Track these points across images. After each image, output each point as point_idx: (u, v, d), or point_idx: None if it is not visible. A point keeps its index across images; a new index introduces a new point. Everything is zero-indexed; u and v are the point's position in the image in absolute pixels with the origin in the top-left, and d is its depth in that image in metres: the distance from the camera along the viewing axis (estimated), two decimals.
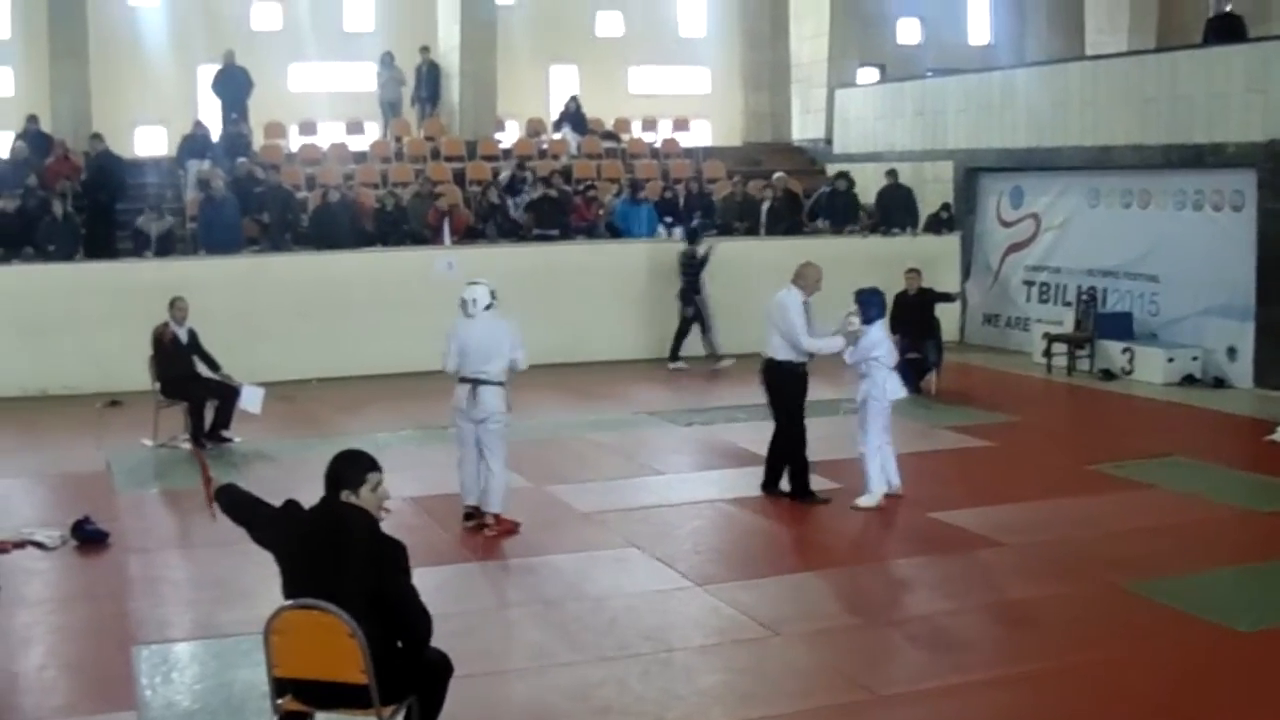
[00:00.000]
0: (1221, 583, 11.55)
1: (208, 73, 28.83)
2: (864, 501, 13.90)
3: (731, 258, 23.40)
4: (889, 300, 15.58)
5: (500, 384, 12.86)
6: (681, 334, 23.23)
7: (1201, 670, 9.48)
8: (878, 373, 13.87)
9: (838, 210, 26.65)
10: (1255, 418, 18.68)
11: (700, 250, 23.22)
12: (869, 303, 14.03)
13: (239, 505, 7.65)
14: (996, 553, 12.35)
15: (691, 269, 23.15)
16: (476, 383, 12.79)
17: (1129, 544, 12.52)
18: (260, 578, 8.46)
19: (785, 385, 14.13)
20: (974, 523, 13.27)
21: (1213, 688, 9.19)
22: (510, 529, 12.94)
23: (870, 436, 13.93)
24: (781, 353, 13.98)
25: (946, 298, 21.31)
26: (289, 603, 6.90)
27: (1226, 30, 23.10)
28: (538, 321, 17.25)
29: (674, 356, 23.19)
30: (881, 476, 13.98)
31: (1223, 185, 21.48)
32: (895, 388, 14.07)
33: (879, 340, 13.92)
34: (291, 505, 7.26)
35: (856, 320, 13.87)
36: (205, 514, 8.02)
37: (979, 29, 38.73)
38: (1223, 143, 21.15)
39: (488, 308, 12.88)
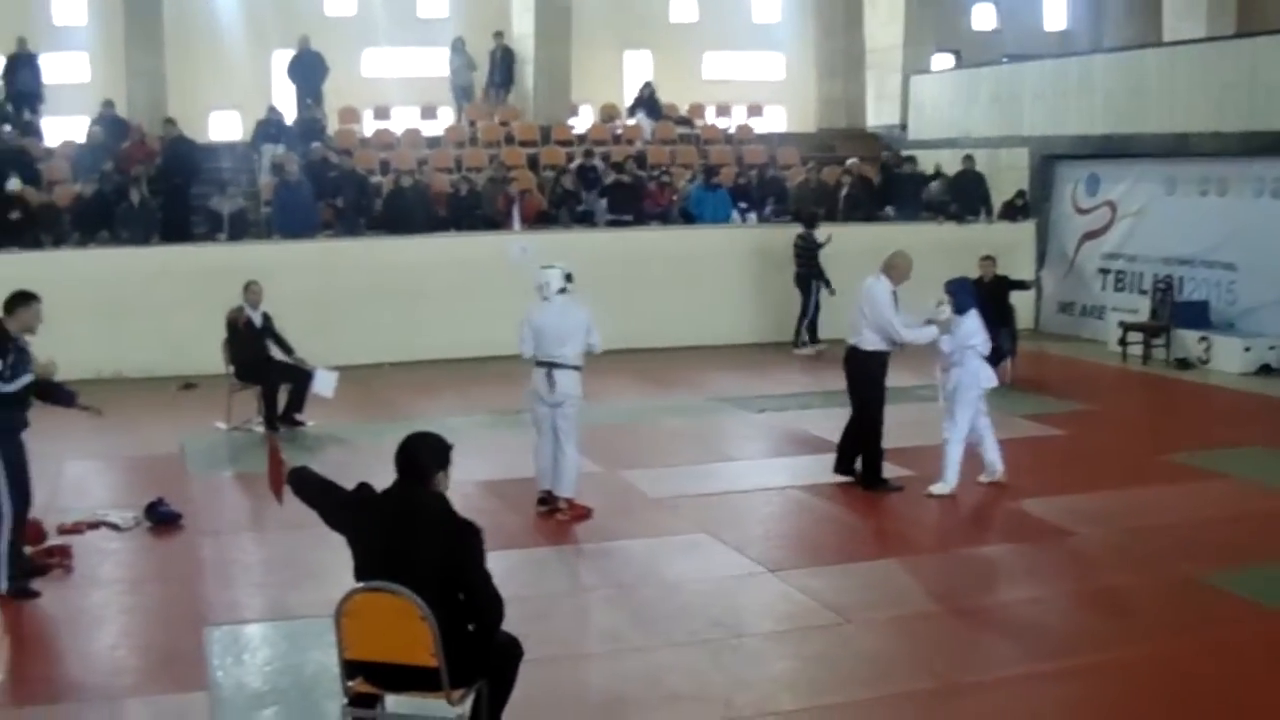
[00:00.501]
0: None
1: (282, 58, 28.96)
2: (938, 489, 13.85)
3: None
4: None
5: (576, 368, 12.88)
6: (803, 317, 23.40)
7: (1277, 663, 9.38)
8: (972, 361, 13.83)
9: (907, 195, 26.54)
10: None
11: (819, 236, 23.35)
12: (961, 291, 14.01)
13: (311, 487, 7.67)
14: (1071, 542, 12.26)
15: (808, 254, 23.31)
16: (552, 366, 12.81)
17: (1204, 534, 12.40)
18: (332, 560, 8.48)
19: (869, 374, 14.10)
20: (1048, 512, 13.18)
21: None
22: (582, 514, 12.96)
23: (959, 425, 13.88)
24: (869, 343, 13.95)
25: (1022, 285, 21.14)
26: (360, 585, 6.92)
27: None
28: (611, 307, 17.19)
29: (798, 342, 23.40)
30: (958, 466, 13.92)
31: None
32: (988, 376, 14.07)
33: (976, 329, 13.87)
34: (365, 488, 7.28)
35: (948, 309, 13.83)
36: (275, 497, 8.04)
37: (1055, 14, 38.40)
38: None
39: (561, 291, 12.88)
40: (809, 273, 23.24)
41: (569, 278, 12.96)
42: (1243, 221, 22.35)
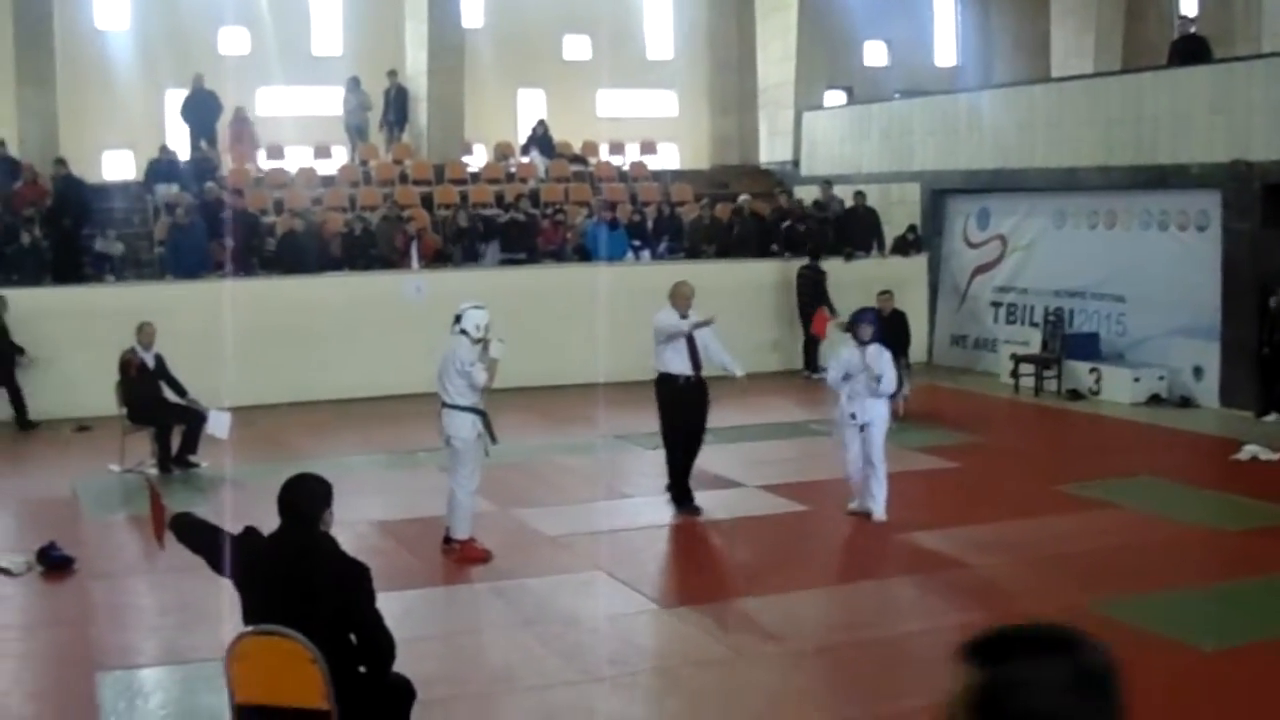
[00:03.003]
0: (1188, 602, 11.59)
1: (175, 97, 28.80)
2: (882, 516, 14.09)
3: (700, 282, 23.48)
4: None
5: (457, 406, 12.82)
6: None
7: (1166, 690, 9.49)
8: (885, 393, 14.06)
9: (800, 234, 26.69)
10: (1221, 437, 18.80)
11: (823, 267, 24.18)
12: (870, 321, 14.24)
13: (195, 533, 7.59)
14: (965, 573, 12.38)
15: (815, 285, 24.06)
16: (441, 405, 12.83)
17: (1095, 564, 12.56)
18: (225, 603, 8.43)
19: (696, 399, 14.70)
20: (942, 543, 13.30)
21: (1178, 708, 9.20)
22: (477, 556, 12.86)
23: (883, 455, 14.11)
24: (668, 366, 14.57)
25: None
26: (249, 628, 6.89)
27: (1191, 52, 23.21)
28: (508, 344, 17.12)
29: (816, 369, 23.87)
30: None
31: (1188, 206, 21.62)
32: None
33: (889, 361, 14.09)
34: (251, 532, 7.24)
35: (853, 343, 14.08)
36: (162, 540, 7.98)
37: (945, 51, 38.85)
38: (1187, 163, 21.28)
39: (455, 330, 12.90)
40: (816, 303, 23.61)
41: (457, 317, 12.95)
42: (1131, 254, 22.68)
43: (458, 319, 12.86)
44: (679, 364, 14.48)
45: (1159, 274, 22.06)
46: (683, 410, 14.64)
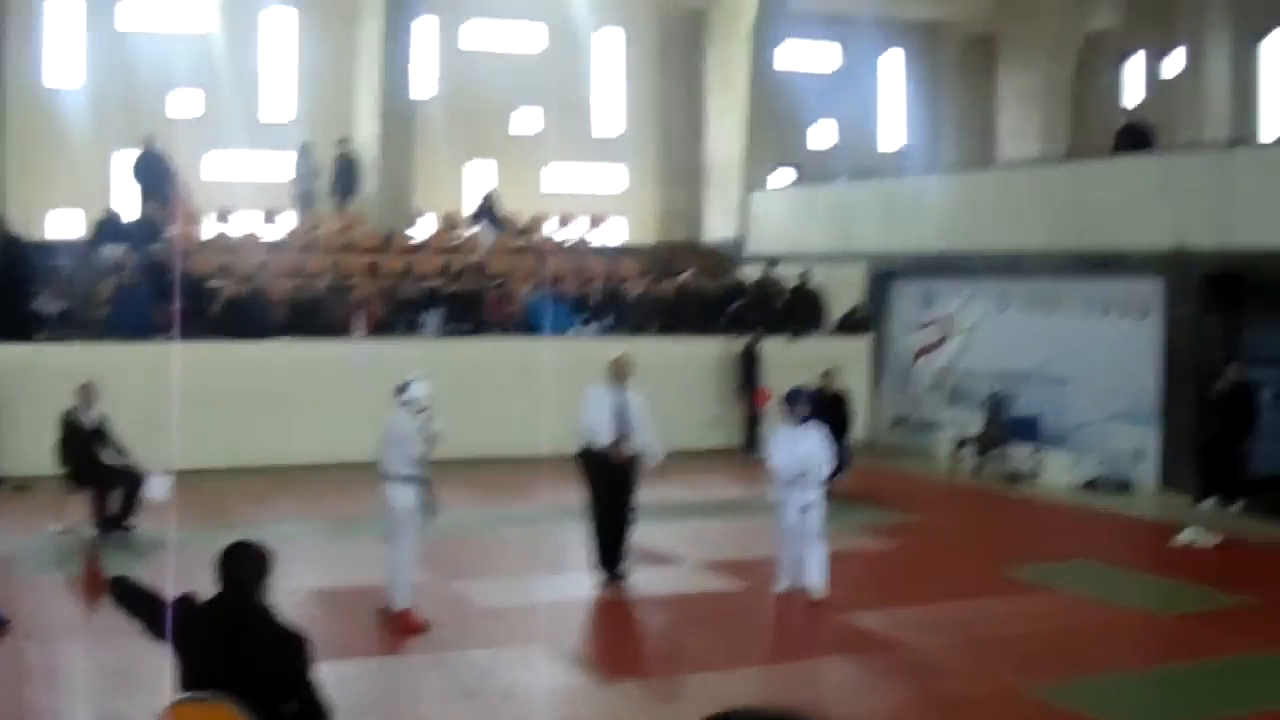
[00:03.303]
0: (1126, 685, 11.65)
1: (125, 157, 28.76)
2: (821, 593, 14.07)
3: (644, 356, 23.61)
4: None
5: (398, 477, 12.80)
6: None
7: None
8: (821, 474, 14.08)
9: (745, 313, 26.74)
10: (1160, 521, 18.95)
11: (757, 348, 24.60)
12: (805, 401, 14.28)
13: (132, 598, 7.52)
14: (902, 653, 12.40)
15: (752, 364, 24.48)
16: (383, 475, 12.83)
17: (1033, 647, 12.60)
18: (160, 668, 8.35)
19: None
20: (878, 624, 13.32)
21: None
22: (411, 627, 12.81)
23: (821, 534, 14.15)
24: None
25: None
26: (185, 695, 6.83)
27: (1135, 140, 23.50)
28: (449, 416, 17.11)
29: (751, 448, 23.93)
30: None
31: (1130, 292, 21.83)
32: None
33: (826, 441, 14.13)
34: (188, 599, 7.18)
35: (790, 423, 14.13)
36: (96, 603, 7.90)
37: (892, 134, 39.20)
38: (1130, 250, 21.50)
39: (399, 400, 12.90)
40: (752, 382, 24.19)
41: (399, 389, 12.95)
42: (1073, 338, 22.86)
43: (401, 390, 12.87)
44: (596, 436, 14.79)
45: (1100, 359, 22.24)
46: (606, 482, 14.85)
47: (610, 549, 14.87)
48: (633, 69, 36.39)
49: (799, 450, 14.05)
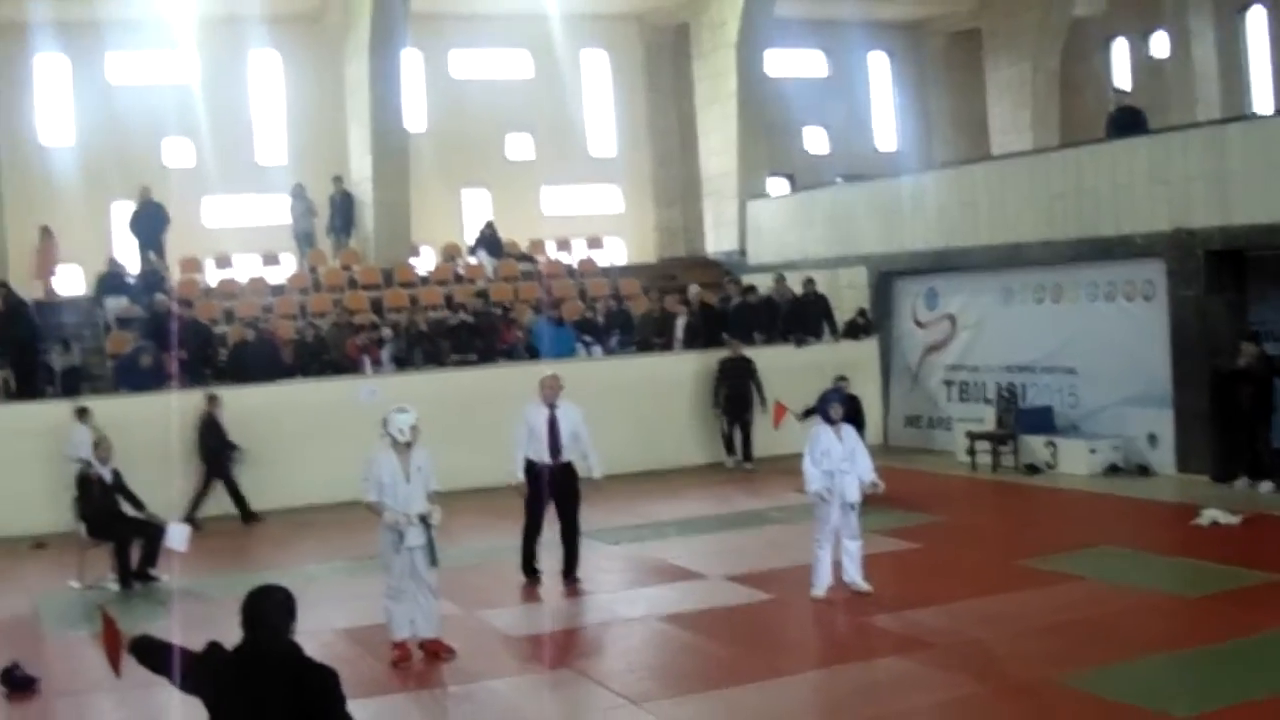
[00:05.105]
0: (1155, 670, 11.57)
1: (122, 209, 28.83)
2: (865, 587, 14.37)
3: (650, 373, 23.81)
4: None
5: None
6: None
7: None
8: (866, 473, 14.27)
9: (747, 321, 26.75)
10: (1179, 503, 18.88)
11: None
12: (840, 400, 14.45)
13: (155, 654, 7.44)
14: (929, 654, 12.33)
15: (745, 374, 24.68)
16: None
17: (1060, 637, 12.54)
18: (191, 718, 8.35)
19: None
20: (907, 625, 13.27)
21: None
22: (399, 657, 12.74)
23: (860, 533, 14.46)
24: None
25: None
26: None
27: (1128, 123, 23.46)
28: (464, 444, 17.19)
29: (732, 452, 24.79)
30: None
31: (1133, 275, 21.81)
32: None
33: (860, 440, 14.34)
34: (215, 647, 7.13)
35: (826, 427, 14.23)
36: (113, 669, 7.82)
37: (885, 135, 39.23)
38: (1130, 234, 21.48)
39: (381, 434, 12.86)
40: (745, 391, 24.47)
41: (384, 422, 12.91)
42: (1079, 326, 22.85)
43: (385, 424, 12.81)
44: (537, 452, 15.65)
45: (1108, 345, 22.23)
46: (541, 495, 15.77)
47: (567, 557, 15.99)
48: (620, 88, 36.51)
49: (839, 450, 14.12)
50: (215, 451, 21.50)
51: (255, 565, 17.57)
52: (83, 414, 20.50)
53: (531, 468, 15.70)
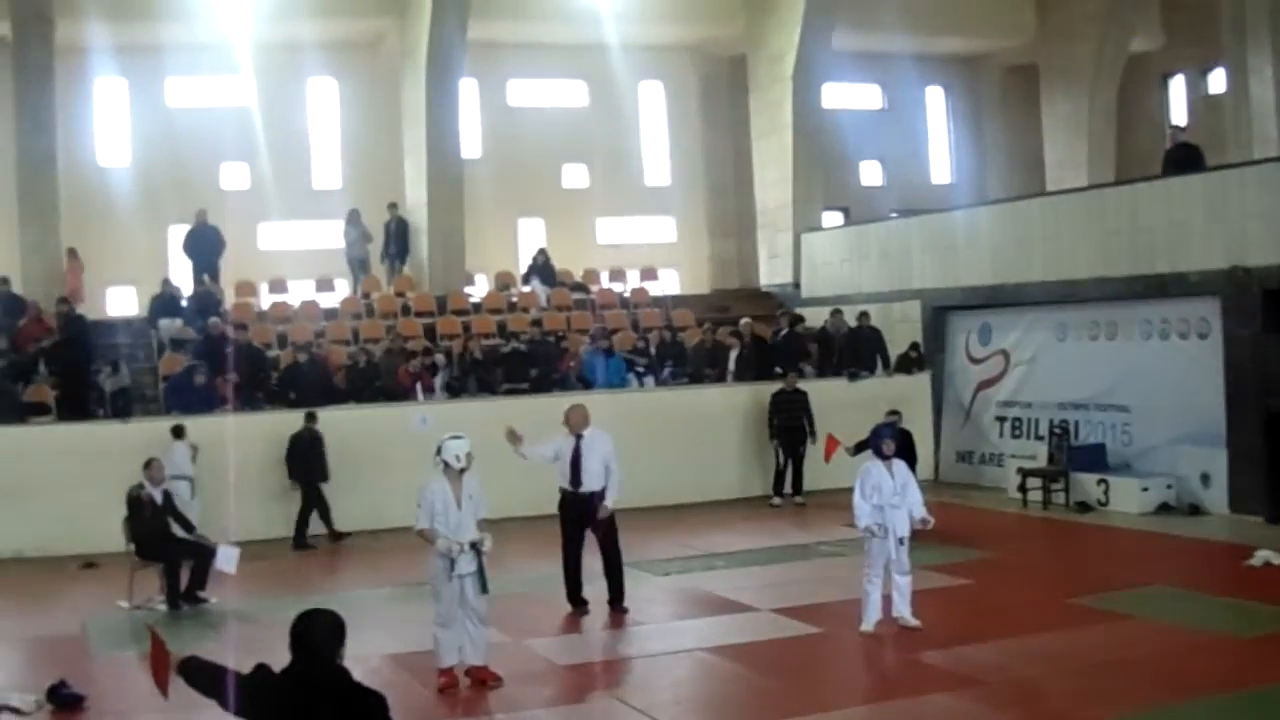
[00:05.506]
0: (1207, 711, 11.48)
1: (177, 232, 29.02)
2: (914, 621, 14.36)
3: (702, 404, 23.81)
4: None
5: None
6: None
7: None
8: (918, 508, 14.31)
9: (794, 352, 26.69)
10: (1232, 543, 18.73)
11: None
12: (891, 436, 14.55)
13: (204, 675, 7.43)
14: (978, 691, 12.25)
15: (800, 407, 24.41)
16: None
17: (1112, 676, 12.45)
18: None
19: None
20: (959, 662, 13.19)
21: None
22: (447, 684, 12.76)
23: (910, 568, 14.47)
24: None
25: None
26: None
27: (1184, 161, 23.30)
28: (514, 473, 17.17)
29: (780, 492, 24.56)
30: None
31: (1188, 313, 21.69)
32: None
33: (911, 476, 14.51)
34: (263, 669, 7.13)
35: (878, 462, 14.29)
36: (160, 691, 7.83)
37: (940, 168, 39.18)
38: (1185, 272, 21.37)
39: (436, 461, 12.87)
40: (802, 424, 24.22)
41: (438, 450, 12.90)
42: (1133, 363, 22.73)
43: (438, 451, 12.82)
44: (561, 480, 15.98)
45: (1162, 382, 22.10)
46: (568, 521, 16.05)
47: (611, 587, 16.09)
48: (675, 120, 36.59)
49: (890, 485, 14.11)
50: (315, 468, 21.85)
51: (304, 589, 17.61)
52: (179, 432, 20.67)
53: (563, 498, 15.97)
